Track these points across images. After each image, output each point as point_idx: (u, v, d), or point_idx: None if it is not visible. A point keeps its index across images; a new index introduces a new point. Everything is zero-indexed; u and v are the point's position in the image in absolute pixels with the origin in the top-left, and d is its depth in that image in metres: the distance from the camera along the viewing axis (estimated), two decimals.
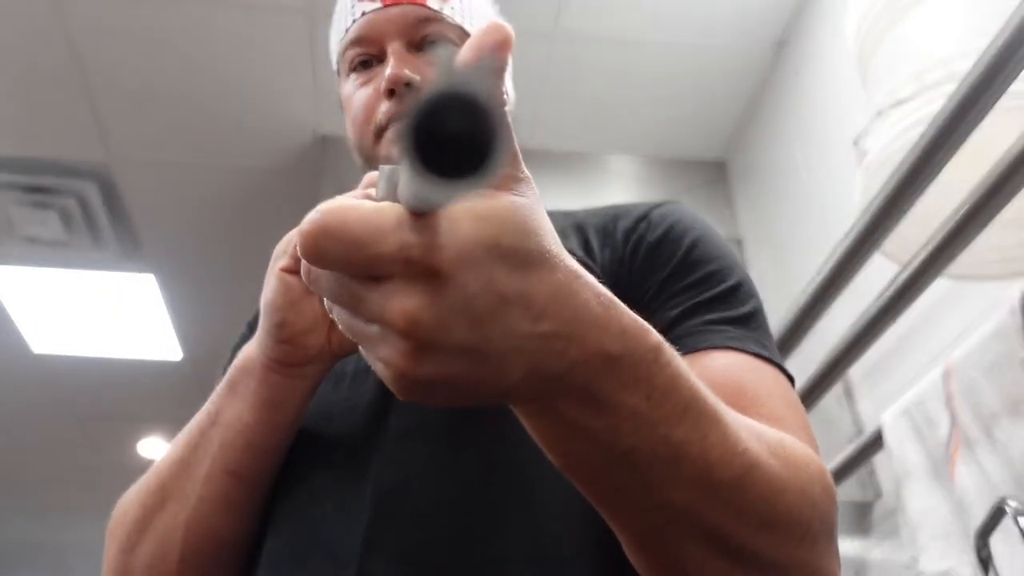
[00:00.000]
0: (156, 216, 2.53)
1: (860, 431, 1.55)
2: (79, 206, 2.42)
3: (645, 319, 0.43)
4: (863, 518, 1.54)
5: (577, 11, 1.99)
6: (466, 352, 0.33)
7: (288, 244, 0.60)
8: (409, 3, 0.76)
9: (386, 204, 0.32)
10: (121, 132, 2.25)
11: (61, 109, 2.17)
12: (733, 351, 0.57)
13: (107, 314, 2.97)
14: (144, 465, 0.67)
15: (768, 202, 2.11)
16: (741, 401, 0.51)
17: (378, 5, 0.76)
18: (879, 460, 1.45)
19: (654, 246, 0.67)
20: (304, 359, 0.58)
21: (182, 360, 3.20)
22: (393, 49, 0.75)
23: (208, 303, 2.90)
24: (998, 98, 0.80)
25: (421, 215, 0.31)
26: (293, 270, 0.57)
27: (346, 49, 0.78)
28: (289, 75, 2.11)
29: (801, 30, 1.98)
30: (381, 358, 0.34)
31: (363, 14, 0.76)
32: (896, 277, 1.04)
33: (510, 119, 0.76)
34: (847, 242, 0.98)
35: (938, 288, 1.15)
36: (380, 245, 0.31)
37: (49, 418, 3.57)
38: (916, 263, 0.99)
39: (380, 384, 0.62)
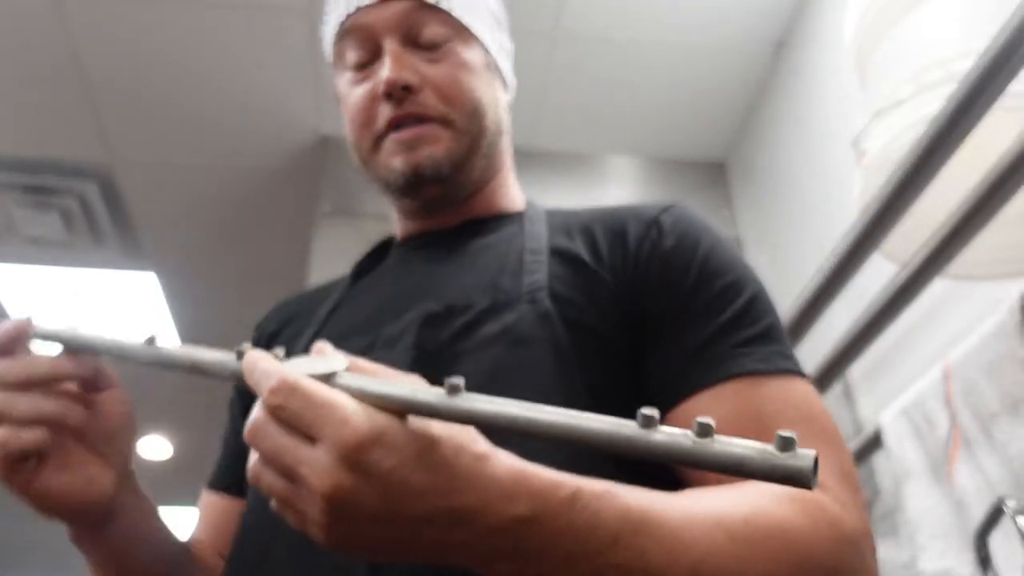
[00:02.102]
0: (157, 216, 2.54)
1: (859, 431, 1.55)
2: (80, 206, 2.42)
3: (662, 335, 0.57)
4: None
5: (577, 11, 1.99)
6: (378, 521, 0.39)
7: None
8: None
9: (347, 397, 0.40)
10: (122, 132, 2.25)
11: (62, 109, 2.17)
12: (759, 376, 0.59)
13: (108, 313, 2.97)
14: (142, 464, 0.67)
15: (768, 202, 2.11)
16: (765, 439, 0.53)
17: (371, 1, 0.74)
18: (878, 460, 1.45)
19: (668, 254, 0.67)
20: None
21: None
22: (389, 48, 0.72)
23: (209, 302, 2.90)
24: (997, 98, 0.80)
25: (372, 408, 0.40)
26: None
27: (338, 42, 0.76)
28: (289, 75, 2.11)
29: (801, 30, 1.99)
30: (305, 515, 0.41)
31: (357, 8, 0.74)
32: (896, 277, 1.04)
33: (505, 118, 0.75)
34: (847, 242, 0.98)
35: (937, 288, 1.15)
36: (333, 414, 0.39)
37: None
38: (916, 263, 0.99)
39: None
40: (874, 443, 1.31)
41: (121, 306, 2.95)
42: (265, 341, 0.80)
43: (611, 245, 0.69)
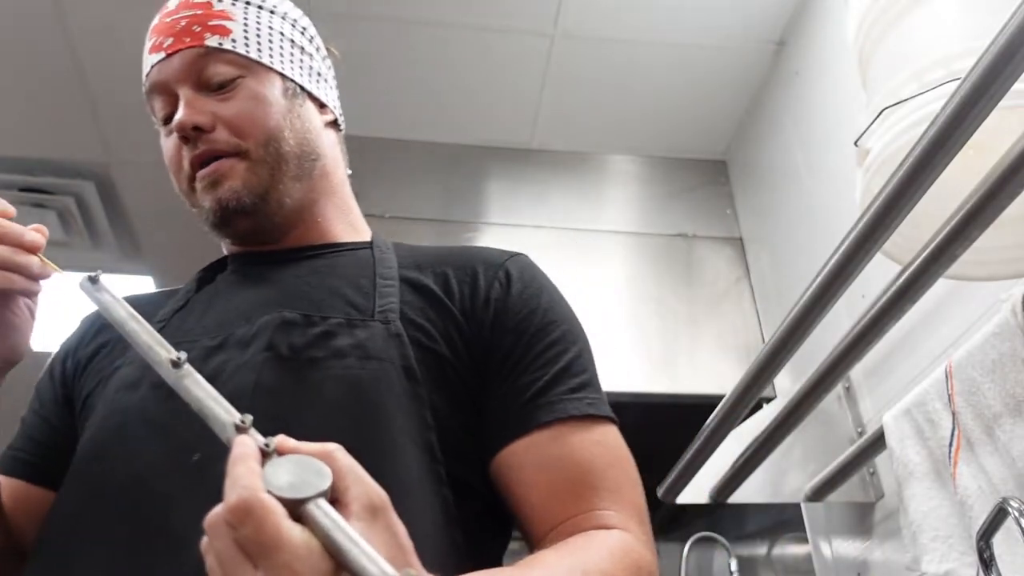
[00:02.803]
0: (155, 217, 2.53)
1: (862, 431, 1.55)
2: (78, 207, 2.42)
3: (505, 373, 0.70)
4: (865, 519, 1.54)
5: (577, 11, 1.98)
6: None
7: None
8: (187, 47, 0.78)
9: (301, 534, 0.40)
10: (120, 132, 2.24)
11: (60, 109, 2.17)
12: (587, 420, 0.68)
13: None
14: None
15: (768, 202, 2.11)
16: (588, 480, 0.66)
17: (162, 56, 0.78)
18: (881, 461, 1.45)
19: (515, 299, 0.74)
20: None
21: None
22: (183, 95, 0.77)
23: None
24: (1000, 98, 0.80)
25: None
26: None
27: (147, 102, 0.81)
28: None
29: (801, 30, 1.98)
30: None
31: (152, 67, 0.79)
32: (898, 277, 1.04)
33: None
34: (848, 242, 0.98)
35: (939, 288, 1.14)
36: (278, 556, 0.39)
37: None
38: (917, 263, 0.99)
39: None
40: (876, 444, 1.31)
41: None
42: (87, 345, 0.81)
43: (461, 284, 0.75)
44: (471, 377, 0.70)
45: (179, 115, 0.75)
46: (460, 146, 2.29)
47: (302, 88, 0.85)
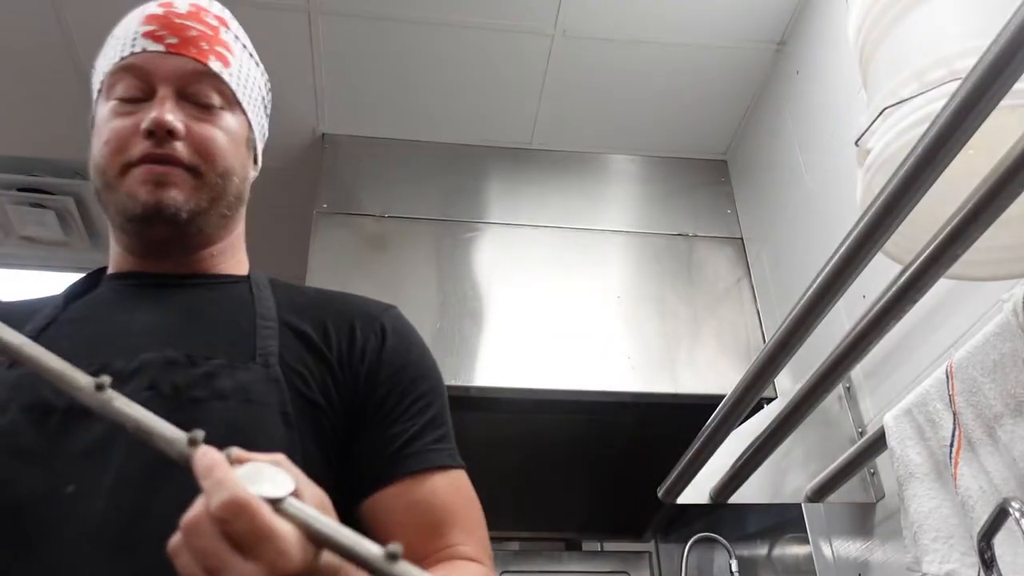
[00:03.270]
0: None
1: (862, 432, 1.55)
2: (77, 207, 2.42)
3: (376, 423, 0.77)
4: (865, 519, 1.54)
5: (577, 11, 1.98)
6: None
7: None
8: (191, 57, 0.81)
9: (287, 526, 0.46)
10: None
11: (59, 109, 2.16)
12: (445, 470, 0.77)
13: None
14: None
15: (768, 202, 2.10)
16: (449, 520, 0.75)
17: (161, 48, 0.81)
18: (881, 461, 1.44)
19: (389, 353, 0.80)
20: None
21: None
22: (163, 94, 0.79)
23: None
24: (1001, 97, 0.80)
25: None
26: None
27: (114, 74, 0.81)
28: (289, 75, 2.10)
29: (802, 30, 1.98)
30: None
31: (144, 50, 0.80)
32: (898, 277, 1.04)
33: None
34: (848, 242, 0.98)
35: (940, 288, 1.14)
36: (274, 544, 0.44)
37: None
38: (918, 263, 0.98)
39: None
40: (877, 444, 1.31)
41: None
42: None
43: (339, 334, 0.79)
44: (342, 426, 0.75)
45: (160, 114, 0.78)
46: (460, 146, 2.29)
47: (254, 143, 0.93)
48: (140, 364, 0.69)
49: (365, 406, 0.77)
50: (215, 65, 0.83)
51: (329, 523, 0.46)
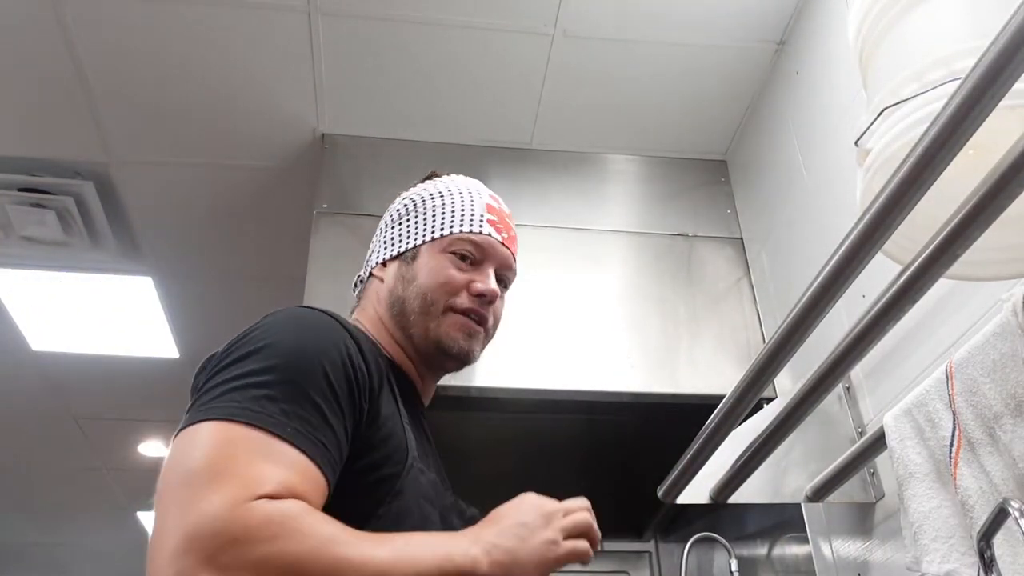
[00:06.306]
0: (154, 216, 2.53)
1: (862, 432, 1.55)
2: (77, 207, 2.42)
3: None
4: (865, 519, 1.54)
5: (577, 11, 1.98)
6: None
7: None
8: (511, 254, 1.10)
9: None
10: (120, 132, 2.24)
11: (60, 109, 2.16)
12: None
13: (104, 314, 2.96)
14: (139, 461, 0.67)
15: (768, 202, 2.10)
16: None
17: (499, 239, 1.08)
18: (881, 461, 1.44)
19: None
20: None
21: (179, 359, 3.20)
22: (490, 270, 1.06)
23: (206, 304, 2.89)
24: (1001, 97, 0.80)
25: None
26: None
27: (461, 239, 1.06)
28: (289, 75, 2.10)
29: (801, 30, 1.98)
30: (580, 549, 0.83)
31: (490, 235, 1.07)
32: (898, 277, 1.04)
33: None
34: (848, 242, 0.98)
35: (939, 288, 1.14)
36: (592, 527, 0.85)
37: (46, 412, 3.56)
38: (918, 263, 0.98)
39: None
40: (877, 444, 1.31)
41: (118, 310, 2.94)
42: (366, 382, 0.86)
43: None
44: None
45: (494, 286, 1.04)
46: (460, 146, 2.29)
47: None
48: (453, 508, 0.96)
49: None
50: (515, 266, 1.11)
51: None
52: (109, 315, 2.96)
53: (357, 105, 2.19)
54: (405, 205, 1.13)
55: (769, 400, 1.55)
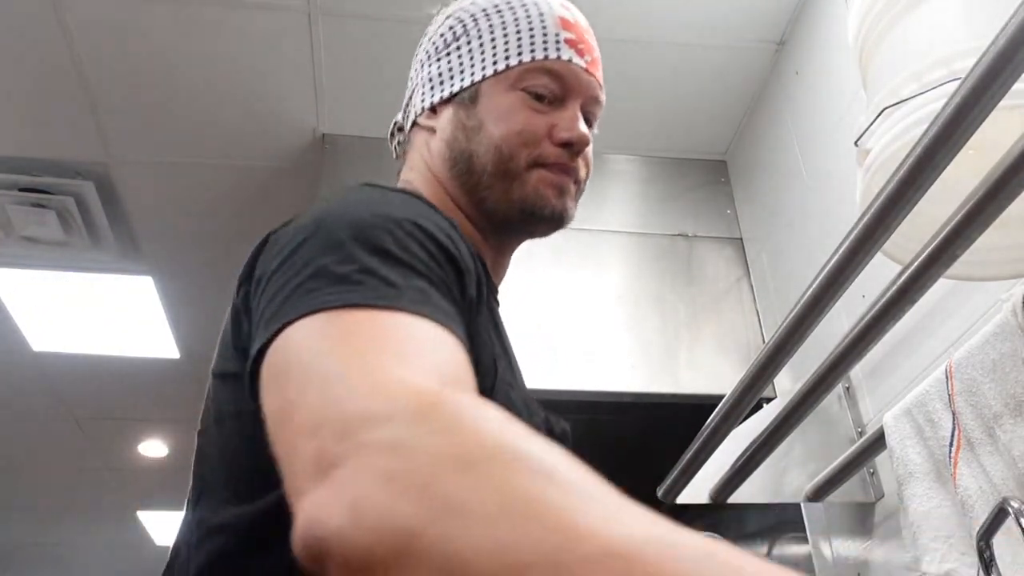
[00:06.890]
0: (155, 216, 2.53)
1: (862, 432, 1.55)
2: (77, 206, 2.42)
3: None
4: (865, 519, 1.54)
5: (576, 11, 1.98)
6: None
7: None
8: (596, 80, 0.86)
9: None
10: (120, 132, 2.24)
11: (60, 109, 2.16)
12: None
13: (104, 314, 2.96)
14: (139, 461, 0.66)
15: (768, 202, 2.11)
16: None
17: (583, 64, 0.84)
18: (881, 461, 1.45)
19: None
20: None
21: (180, 359, 3.20)
22: (574, 109, 0.83)
23: (206, 304, 2.89)
24: (1000, 97, 0.80)
25: None
26: None
27: (533, 70, 0.82)
28: (289, 75, 2.10)
29: (801, 30, 1.98)
30: None
31: (571, 61, 0.83)
32: (898, 277, 1.04)
33: None
34: (848, 242, 0.98)
35: (939, 288, 1.14)
36: None
37: (47, 412, 3.56)
38: (918, 263, 0.99)
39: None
40: (877, 444, 1.31)
41: (118, 310, 2.94)
42: (475, 279, 0.66)
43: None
44: None
45: (584, 129, 0.82)
46: None
47: None
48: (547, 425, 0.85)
49: None
50: (602, 95, 0.88)
51: None
52: (109, 315, 2.97)
53: (357, 105, 2.19)
54: (451, 28, 0.87)
55: (769, 400, 1.55)
